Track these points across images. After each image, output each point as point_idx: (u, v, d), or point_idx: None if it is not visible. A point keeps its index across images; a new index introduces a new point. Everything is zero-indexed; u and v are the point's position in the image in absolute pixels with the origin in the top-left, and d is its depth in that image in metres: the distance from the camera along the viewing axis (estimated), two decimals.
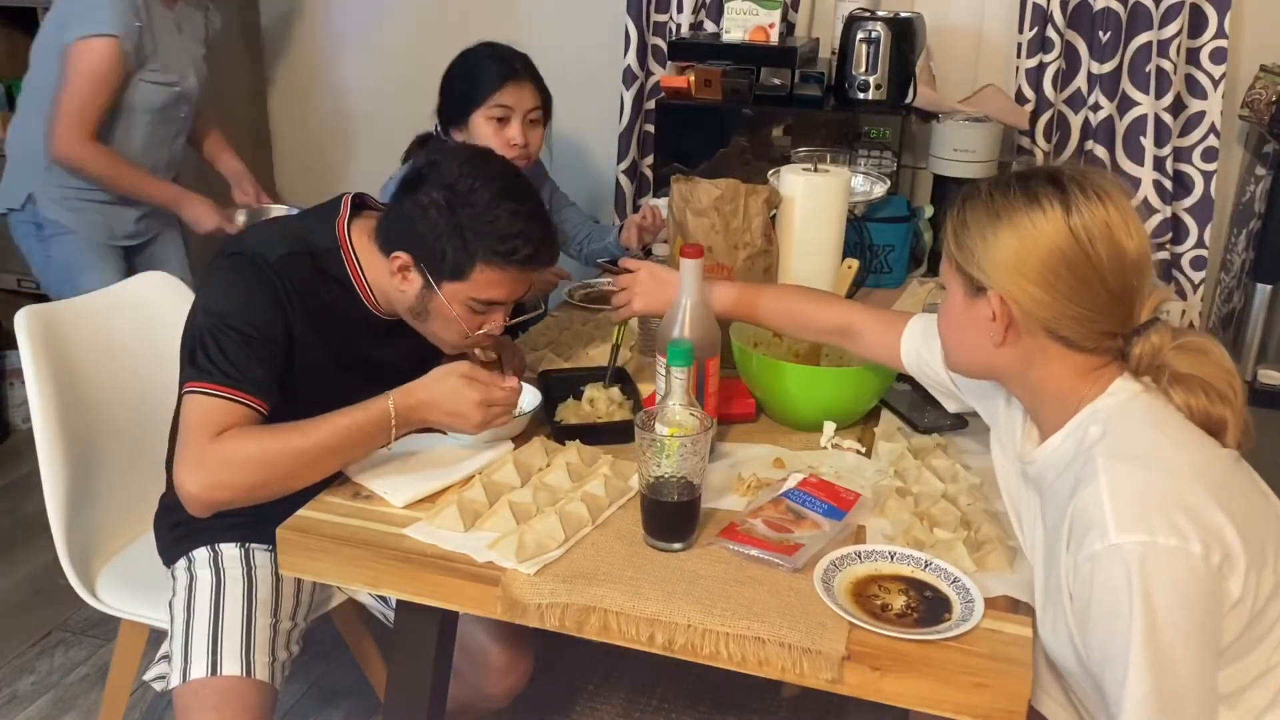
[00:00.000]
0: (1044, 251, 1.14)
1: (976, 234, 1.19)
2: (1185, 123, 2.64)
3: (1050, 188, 1.16)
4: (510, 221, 1.49)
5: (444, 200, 1.49)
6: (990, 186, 1.21)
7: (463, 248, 1.49)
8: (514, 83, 2.18)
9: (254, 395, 1.45)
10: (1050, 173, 1.19)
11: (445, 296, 1.52)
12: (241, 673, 1.52)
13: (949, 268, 1.25)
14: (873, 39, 2.53)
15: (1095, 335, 1.17)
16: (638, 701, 2.27)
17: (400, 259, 1.52)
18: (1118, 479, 1.09)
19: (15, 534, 2.84)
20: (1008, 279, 1.17)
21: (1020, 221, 1.16)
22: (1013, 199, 1.17)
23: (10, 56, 3.32)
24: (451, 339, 1.59)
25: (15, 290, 3.35)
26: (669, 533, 1.33)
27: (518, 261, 1.50)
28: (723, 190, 1.77)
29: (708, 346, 1.47)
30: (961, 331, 1.26)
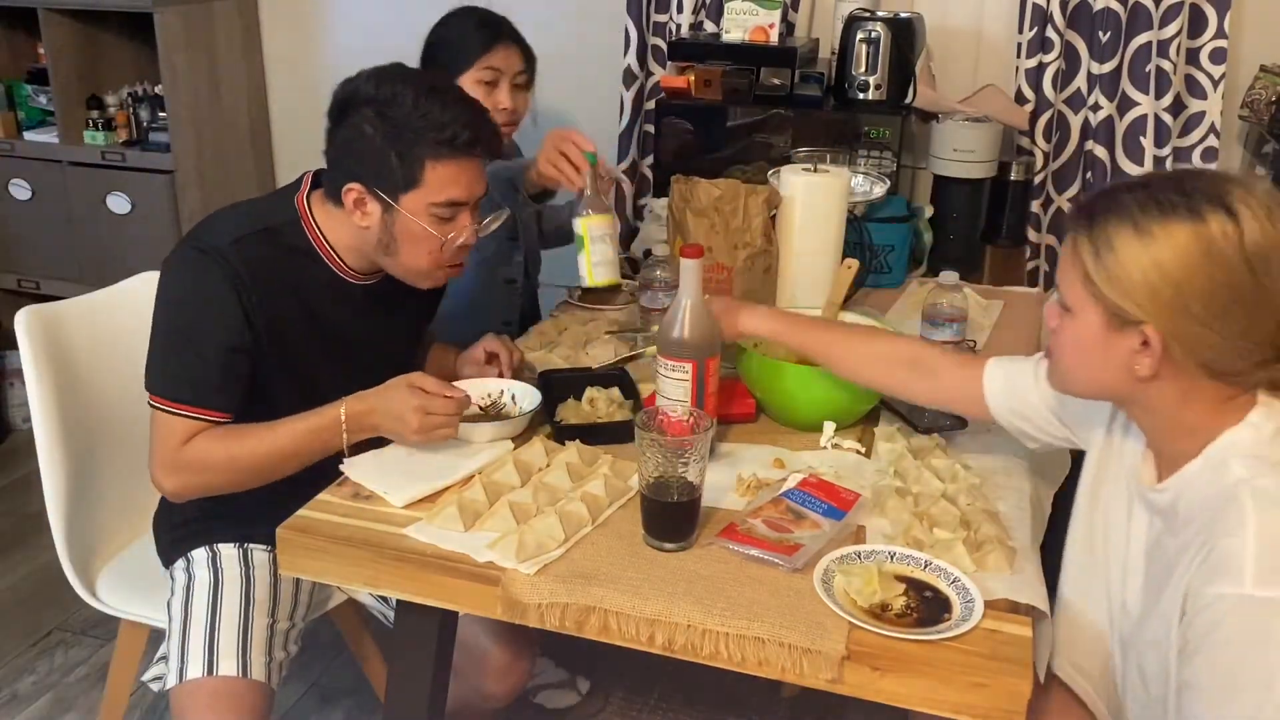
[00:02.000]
0: (1214, 282, 1.05)
1: (1126, 257, 1.08)
2: (1185, 123, 2.64)
3: (1215, 205, 1.06)
4: (443, 111, 1.49)
5: (373, 114, 1.49)
6: (1140, 199, 1.10)
7: (407, 151, 1.49)
8: (502, 45, 2.16)
9: (213, 409, 1.51)
10: (1209, 186, 1.08)
11: (407, 210, 1.51)
12: (238, 673, 1.52)
13: (1080, 290, 1.14)
14: (873, 39, 2.53)
15: (1253, 366, 1.10)
16: (636, 701, 2.27)
17: (353, 191, 1.52)
18: (1267, 529, 1.03)
19: (15, 534, 2.85)
20: (1168, 315, 1.08)
21: (1184, 245, 1.06)
22: (1172, 216, 1.07)
23: (10, 56, 3.32)
24: (425, 263, 1.57)
25: (15, 290, 3.35)
26: (669, 533, 1.33)
27: (462, 147, 1.50)
28: (723, 190, 1.77)
29: (708, 346, 1.47)
30: (1093, 360, 1.16)
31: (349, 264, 1.61)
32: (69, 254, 3.26)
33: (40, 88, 3.23)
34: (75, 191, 3.19)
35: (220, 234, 1.53)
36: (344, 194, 1.52)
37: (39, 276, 3.32)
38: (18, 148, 3.22)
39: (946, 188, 2.60)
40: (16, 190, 3.25)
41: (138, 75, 3.27)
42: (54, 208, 3.23)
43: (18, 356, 1.77)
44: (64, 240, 3.25)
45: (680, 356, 1.46)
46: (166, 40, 2.99)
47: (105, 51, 3.22)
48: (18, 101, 3.27)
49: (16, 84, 3.28)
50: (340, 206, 1.55)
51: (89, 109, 3.16)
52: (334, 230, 1.59)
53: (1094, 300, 1.12)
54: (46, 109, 3.24)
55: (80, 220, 3.20)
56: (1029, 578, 1.28)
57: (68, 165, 3.17)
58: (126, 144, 3.16)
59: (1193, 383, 1.12)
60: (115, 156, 3.13)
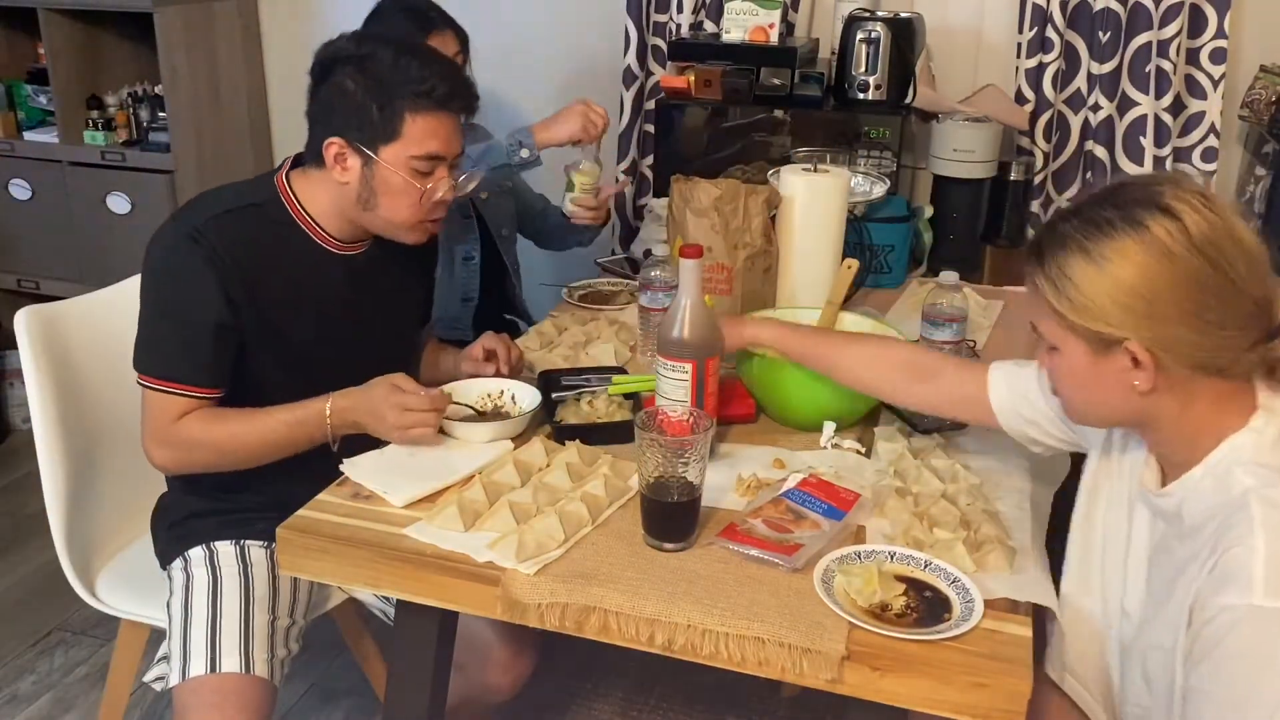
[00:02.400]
0: (1177, 283, 1.06)
1: (1086, 285, 1.09)
2: (1185, 123, 2.64)
3: (1152, 210, 1.07)
4: (422, 67, 1.54)
5: (354, 70, 1.53)
6: (1078, 226, 1.11)
7: (388, 102, 1.52)
8: (436, 32, 2.19)
9: (201, 386, 1.55)
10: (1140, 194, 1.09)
11: (386, 162, 1.54)
12: (241, 670, 1.52)
13: (1055, 327, 1.15)
14: (872, 39, 2.53)
15: (1243, 352, 1.09)
16: (636, 701, 2.27)
17: (334, 145, 1.55)
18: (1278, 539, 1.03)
19: (15, 534, 2.84)
20: (1144, 325, 1.08)
21: (1137, 257, 1.06)
22: (1115, 234, 1.08)
23: (10, 56, 3.32)
24: (405, 215, 1.59)
25: (15, 290, 3.35)
26: (669, 533, 1.33)
27: (439, 100, 1.54)
28: (723, 190, 1.77)
29: (708, 346, 1.47)
30: (1093, 389, 1.16)
31: (330, 232, 1.63)
32: (69, 254, 3.25)
33: (40, 88, 3.23)
34: (75, 191, 3.19)
35: (198, 213, 1.57)
36: (325, 149, 1.56)
37: (39, 276, 3.32)
38: (18, 148, 3.22)
39: (946, 188, 2.60)
40: (16, 190, 3.25)
41: (138, 75, 3.27)
42: (54, 208, 3.23)
43: (18, 356, 1.77)
44: (64, 240, 3.25)
45: (680, 356, 1.47)
46: (166, 40, 2.99)
47: (105, 51, 3.22)
48: (18, 101, 3.27)
49: (16, 84, 3.27)
50: (321, 167, 1.58)
51: (89, 109, 3.16)
52: (314, 199, 1.61)
53: (1072, 333, 1.13)
54: (46, 109, 3.24)
55: (80, 220, 3.20)
56: (1029, 577, 1.28)
57: (68, 165, 3.17)
58: (126, 144, 3.16)
59: (1191, 385, 1.12)
60: (115, 156, 3.13)
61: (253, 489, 1.65)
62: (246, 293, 1.55)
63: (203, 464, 1.60)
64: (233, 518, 1.67)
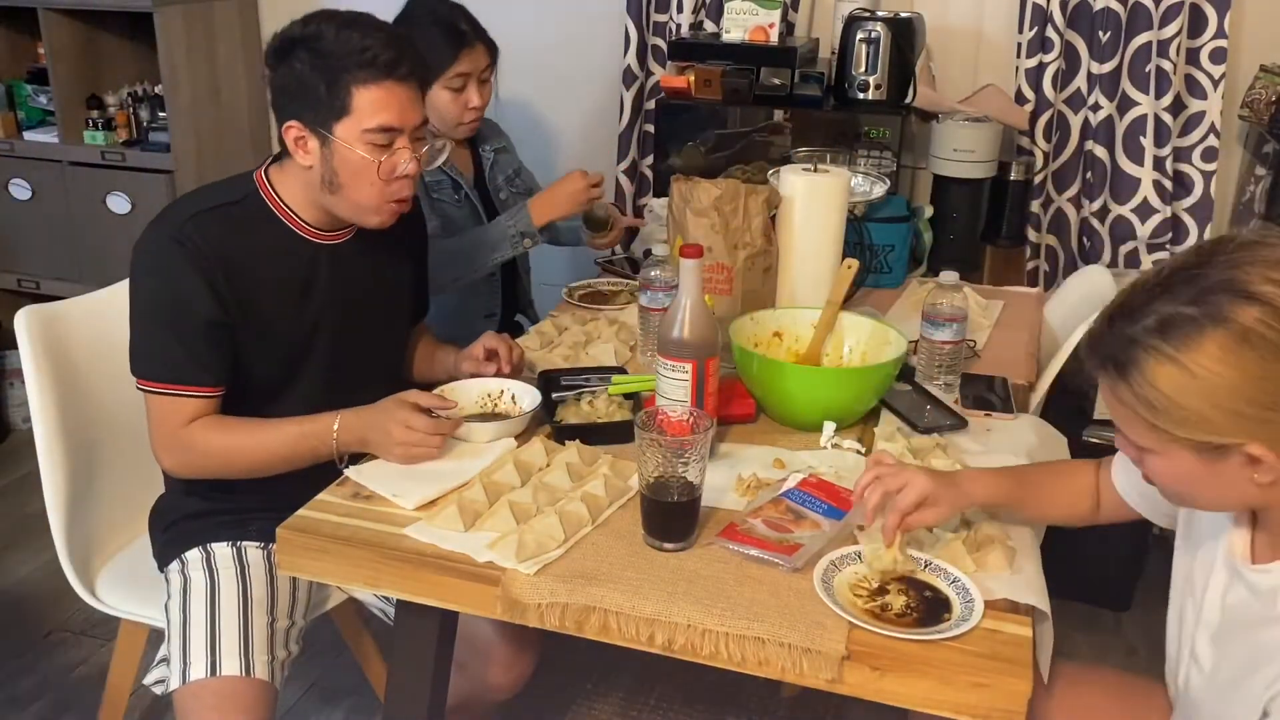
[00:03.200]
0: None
1: (1183, 397, 0.99)
2: (1185, 123, 2.64)
3: (1233, 297, 0.96)
4: (364, 36, 1.52)
5: (302, 51, 1.53)
6: (1155, 330, 0.99)
7: (333, 79, 1.51)
8: (468, 49, 2.17)
9: (200, 385, 1.55)
10: (1215, 276, 0.97)
11: (341, 139, 1.53)
12: (241, 672, 1.52)
13: (1151, 435, 1.04)
14: (872, 39, 2.53)
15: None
16: (636, 701, 2.27)
17: (293, 129, 1.55)
18: None
19: (15, 534, 2.84)
20: (1259, 426, 0.98)
21: (1232, 357, 0.96)
22: (1200, 334, 0.97)
23: (10, 56, 3.32)
24: (369, 196, 1.57)
25: (15, 290, 3.35)
26: (669, 533, 1.33)
27: (383, 68, 1.52)
28: (723, 190, 1.77)
29: (708, 346, 1.47)
30: (1206, 487, 1.07)
31: (310, 221, 1.63)
32: (69, 254, 3.25)
33: (40, 88, 3.23)
34: (75, 191, 3.19)
35: (179, 214, 1.57)
36: (285, 133, 1.55)
37: (39, 276, 3.32)
38: (18, 148, 3.22)
39: (946, 188, 2.60)
40: (16, 190, 3.25)
41: (138, 75, 3.27)
42: (54, 207, 3.23)
43: (18, 356, 1.77)
44: (64, 240, 3.25)
45: (680, 356, 1.46)
46: (166, 40, 2.99)
47: (105, 51, 3.22)
48: (18, 101, 3.27)
49: (16, 84, 3.27)
50: (288, 155, 1.58)
51: (89, 109, 3.16)
52: (290, 189, 1.61)
53: (1175, 442, 1.03)
54: (46, 109, 3.24)
55: (80, 220, 3.20)
56: (1029, 578, 1.28)
57: (68, 165, 3.17)
58: (126, 144, 3.16)
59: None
60: (115, 156, 3.13)
61: (248, 489, 1.65)
62: (233, 289, 1.55)
63: (212, 470, 1.61)
64: (228, 519, 1.67)
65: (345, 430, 1.54)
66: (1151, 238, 2.67)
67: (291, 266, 1.62)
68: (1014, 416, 1.69)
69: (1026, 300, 2.24)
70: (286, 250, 1.62)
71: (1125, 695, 1.43)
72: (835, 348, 1.76)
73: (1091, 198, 2.72)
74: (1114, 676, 1.52)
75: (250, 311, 1.57)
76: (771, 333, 1.76)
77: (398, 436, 1.49)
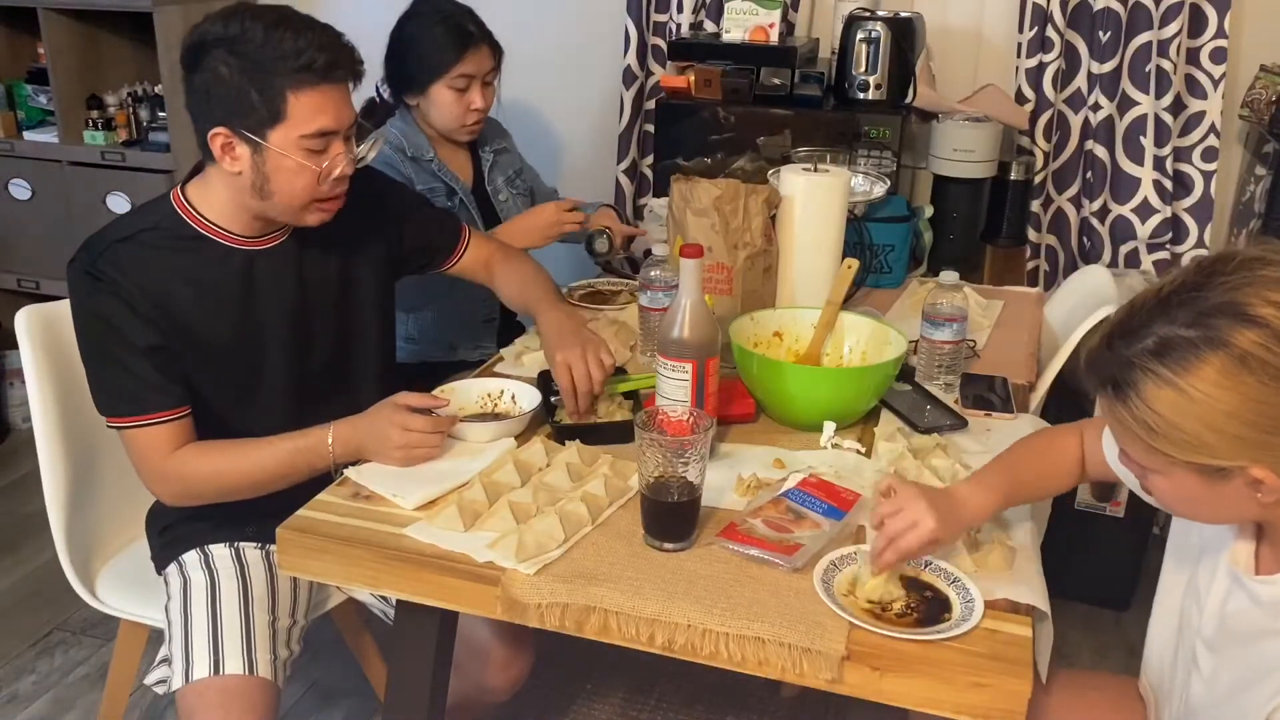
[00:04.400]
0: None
1: (1184, 421, 0.98)
2: (1185, 123, 2.64)
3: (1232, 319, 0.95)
4: (296, 38, 1.44)
5: (226, 53, 1.45)
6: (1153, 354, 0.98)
7: (266, 85, 1.44)
8: (473, 50, 2.16)
9: (163, 411, 1.52)
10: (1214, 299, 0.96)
11: (276, 146, 1.47)
12: (244, 671, 1.52)
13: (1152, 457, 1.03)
14: (873, 39, 2.53)
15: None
16: (636, 701, 2.27)
17: (219, 136, 1.48)
18: None
19: (15, 534, 2.84)
20: (1263, 450, 0.97)
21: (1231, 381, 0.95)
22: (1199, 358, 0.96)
23: (10, 56, 3.32)
24: (301, 199, 1.51)
25: (15, 290, 3.35)
26: (669, 533, 1.33)
27: (321, 72, 1.45)
28: (723, 190, 1.77)
29: (708, 346, 1.47)
30: (1208, 505, 1.07)
31: (235, 230, 1.57)
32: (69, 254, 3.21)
33: (40, 87, 3.23)
34: (75, 191, 3.19)
35: (93, 249, 1.52)
36: (210, 140, 1.48)
37: (39, 276, 3.32)
38: (18, 147, 3.22)
39: (946, 188, 2.60)
40: (16, 190, 3.25)
41: (138, 75, 3.27)
42: (54, 208, 3.23)
43: (18, 356, 1.77)
44: (64, 240, 3.23)
45: (680, 356, 1.46)
46: (166, 40, 2.99)
47: (105, 51, 3.22)
48: (18, 101, 3.27)
49: (16, 84, 3.27)
50: (212, 160, 1.51)
51: (89, 109, 3.16)
52: (212, 202, 1.55)
53: (1175, 464, 1.02)
54: (46, 109, 3.24)
55: (80, 220, 3.19)
56: (1029, 578, 1.28)
57: (68, 165, 3.17)
58: (126, 144, 3.16)
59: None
60: (115, 156, 3.13)
61: None
62: (163, 314, 1.51)
63: (203, 495, 1.58)
64: (224, 520, 1.66)
65: (340, 442, 1.52)
66: (1151, 238, 2.67)
67: (221, 281, 1.57)
68: (1014, 416, 1.69)
69: (1026, 300, 2.24)
70: (214, 266, 1.56)
71: (1123, 696, 1.43)
72: (835, 348, 1.76)
73: (1091, 198, 2.72)
74: (1112, 679, 1.52)
75: (187, 336, 1.54)
76: (771, 333, 1.76)
77: (397, 440, 1.47)
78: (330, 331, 1.68)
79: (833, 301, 1.75)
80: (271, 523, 1.40)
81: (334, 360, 1.69)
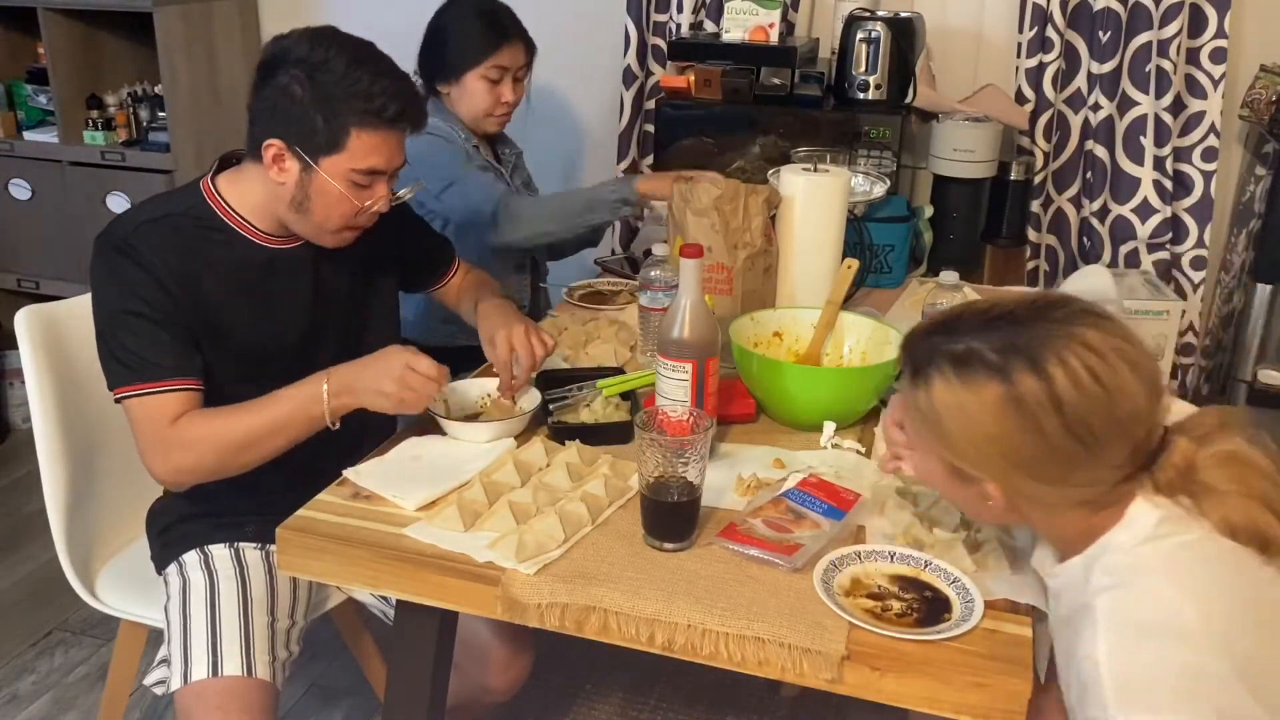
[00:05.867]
0: (1037, 448, 1.03)
1: (949, 421, 1.08)
2: (1185, 123, 2.64)
3: (1025, 364, 1.02)
4: (373, 81, 1.49)
5: (303, 75, 1.49)
6: (954, 355, 1.07)
7: (333, 116, 1.49)
8: (509, 44, 2.22)
9: (175, 379, 1.51)
10: (1024, 337, 1.04)
11: (326, 172, 1.51)
12: (243, 672, 1.52)
13: (916, 435, 1.15)
14: (873, 39, 2.53)
15: (1111, 486, 1.06)
16: (636, 701, 2.27)
17: (273, 147, 1.51)
18: (1118, 650, 1.00)
19: (15, 534, 2.84)
20: (1000, 473, 1.08)
21: (997, 410, 1.04)
22: (984, 378, 1.04)
23: (10, 56, 3.32)
24: (335, 224, 1.56)
25: (15, 290, 3.35)
26: (669, 533, 1.33)
27: (388, 119, 1.51)
28: (723, 190, 1.77)
29: (708, 346, 1.47)
30: (953, 496, 1.19)
31: (263, 228, 1.60)
32: (69, 254, 3.25)
33: (40, 87, 3.23)
34: (75, 191, 3.19)
35: (123, 227, 1.55)
36: (264, 149, 1.52)
37: (39, 276, 3.32)
38: (18, 148, 3.22)
39: (946, 188, 2.60)
40: (16, 190, 3.25)
41: (138, 75, 3.27)
42: (54, 208, 3.23)
43: (18, 356, 1.77)
44: (64, 240, 3.25)
45: (680, 356, 1.46)
46: (166, 40, 2.99)
47: (105, 51, 3.22)
48: (18, 101, 3.27)
49: (16, 84, 3.27)
50: (257, 162, 1.55)
51: (89, 109, 3.16)
52: (244, 198, 1.59)
53: (934, 453, 1.13)
54: (46, 109, 3.24)
55: (80, 220, 3.20)
56: (1029, 578, 1.28)
57: (68, 165, 3.17)
58: (126, 144, 3.16)
59: (1053, 513, 1.11)
60: (115, 156, 3.13)
61: (242, 493, 1.64)
62: (185, 293, 1.52)
63: (203, 466, 1.53)
64: (224, 520, 1.67)
65: (335, 380, 1.49)
66: (1151, 237, 2.67)
67: (245, 272, 1.59)
68: None
69: None
70: (239, 258, 1.59)
71: None
72: (835, 348, 1.76)
73: (1091, 197, 2.72)
74: None
75: (206, 318, 1.54)
76: (771, 333, 1.76)
77: (396, 376, 1.46)
78: (339, 334, 1.70)
79: (833, 301, 1.75)
80: (271, 523, 1.40)
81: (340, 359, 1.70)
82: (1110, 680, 0.99)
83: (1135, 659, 0.99)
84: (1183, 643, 0.98)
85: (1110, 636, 1.01)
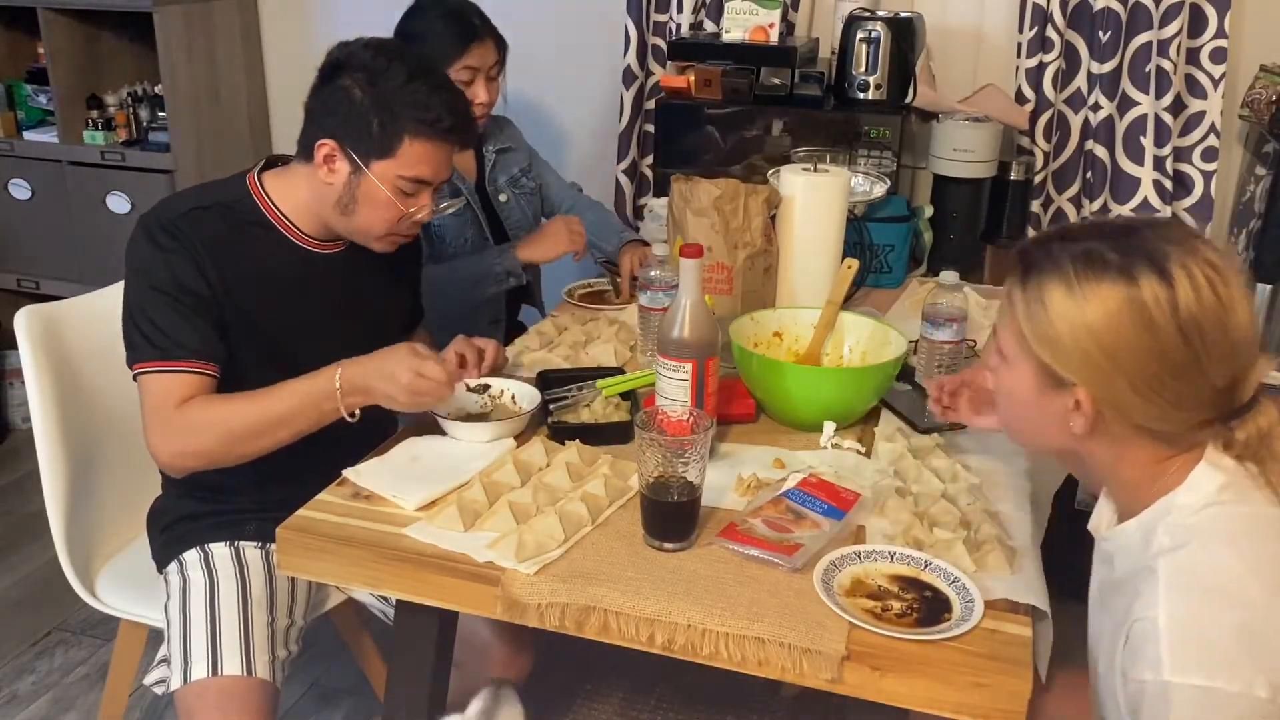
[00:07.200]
0: (1146, 351, 1.02)
1: (1057, 317, 1.06)
2: (1185, 123, 2.64)
3: (1151, 269, 1.02)
4: (431, 94, 1.54)
5: (364, 79, 1.53)
6: (1074, 254, 1.06)
7: (390, 121, 1.53)
8: (477, 43, 2.18)
9: (196, 361, 1.51)
10: (1149, 245, 1.04)
11: (375, 176, 1.55)
12: (242, 672, 1.52)
13: (1014, 342, 1.12)
14: (873, 39, 2.53)
15: (1192, 427, 1.06)
16: (635, 701, 2.27)
17: (326, 146, 1.55)
18: (1178, 610, 1.00)
19: (15, 534, 2.84)
20: (1100, 379, 1.05)
21: (1115, 310, 1.03)
22: (1105, 278, 1.03)
23: (10, 56, 3.32)
24: (379, 229, 1.60)
25: (15, 290, 3.35)
26: (669, 533, 1.33)
27: (443, 131, 1.55)
28: (723, 190, 1.77)
29: (708, 346, 1.47)
30: (1029, 412, 1.15)
31: (304, 229, 1.63)
32: (69, 254, 3.26)
33: (40, 87, 3.23)
34: (75, 191, 3.19)
35: (169, 210, 1.57)
36: (316, 148, 1.55)
37: (39, 276, 3.32)
38: (18, 147, 3.22)
39: (946, 188, 2.60)
40: (16, 190, 3.25)
41: (138, 75, 3.27)
42: (54, 207, 3.23)
43: (18, 356, 1.77)
44: (64, 240, 3.25)
45: (680, 356, 1.46)
46: (166, 40, 2.99)
47: (105, 51, 3.22)
48: (18, 101, 3.27)
49: (16, 84, 3.28)
50: (307, 161, 1.58)
51: (89, 109, 3.16)
52: (289, 197, 1.62)
53: (1027, 356, 1.11)
54: (46, 109, 3.24)
55: (80, 220, 3.20)
56: (1029, 578, 1.28)
57: (67, 165, 3.17)
58: (126, 144, 3.16)
59: (1126, 444, 1.10)
60: (115, 156, 3.13)
61: (243, 491, 1.64)
62: (222, 281, 1.55)
63: (207, 452, 1.51)
64: (225, 519, 1.67)
65: (347, 380, 1.49)
66: None
67: (282, 269, 1.62)
68: None
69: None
70: (278, 255, 1.62)
71: None
72: (835, 348, 1.76)
73: (1091, 198, 2.72)
74: None
75: (239, 308, 1.56)
76: (771, 333, 1.76)
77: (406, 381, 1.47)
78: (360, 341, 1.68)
79: (833, 301, 1.75)
80: (271, 522, 1.40)
81: None
82: (1168, 640, 0.99)
83: (1195, 620, 1.00)
84: (1244, 610, 0.99)
85: (1173, 596, 1.01)
